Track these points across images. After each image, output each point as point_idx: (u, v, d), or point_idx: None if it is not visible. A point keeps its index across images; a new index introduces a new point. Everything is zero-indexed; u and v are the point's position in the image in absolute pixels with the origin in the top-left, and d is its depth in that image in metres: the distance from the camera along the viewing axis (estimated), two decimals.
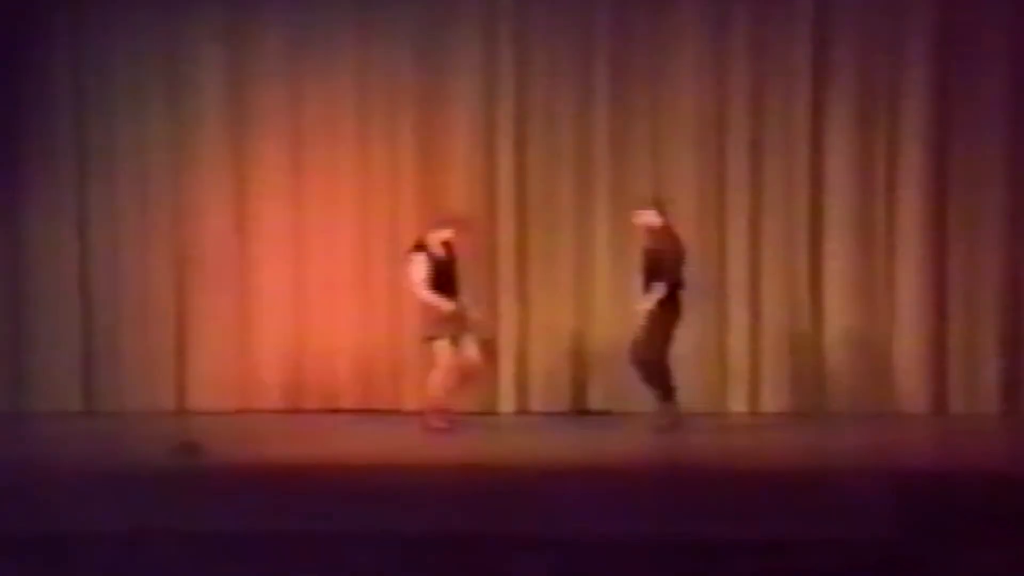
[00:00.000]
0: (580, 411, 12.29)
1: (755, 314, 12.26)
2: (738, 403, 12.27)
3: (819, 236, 12.20)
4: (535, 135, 12.38)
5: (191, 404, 12.41)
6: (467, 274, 11.55)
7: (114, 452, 10.67)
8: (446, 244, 11.22)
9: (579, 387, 12.37)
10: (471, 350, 11.20)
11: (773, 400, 12.23)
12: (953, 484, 8.68)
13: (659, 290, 10.82)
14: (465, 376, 11.23)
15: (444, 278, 11.12)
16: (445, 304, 11.04)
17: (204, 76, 12.61)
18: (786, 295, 12.19)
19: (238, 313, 12.59)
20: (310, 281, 12.53)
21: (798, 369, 12.22)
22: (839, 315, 12.19)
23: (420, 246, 11.18)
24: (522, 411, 12.34)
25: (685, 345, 11.91)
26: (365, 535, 7.56)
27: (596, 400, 12.35)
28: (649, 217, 11.11)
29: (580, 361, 12.38)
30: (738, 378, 12.27)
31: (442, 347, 11.10)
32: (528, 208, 12.41)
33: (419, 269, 11.09)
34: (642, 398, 11.67)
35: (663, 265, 10.90)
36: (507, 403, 12.45)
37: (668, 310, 10.90)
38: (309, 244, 12.57)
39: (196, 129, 12.63)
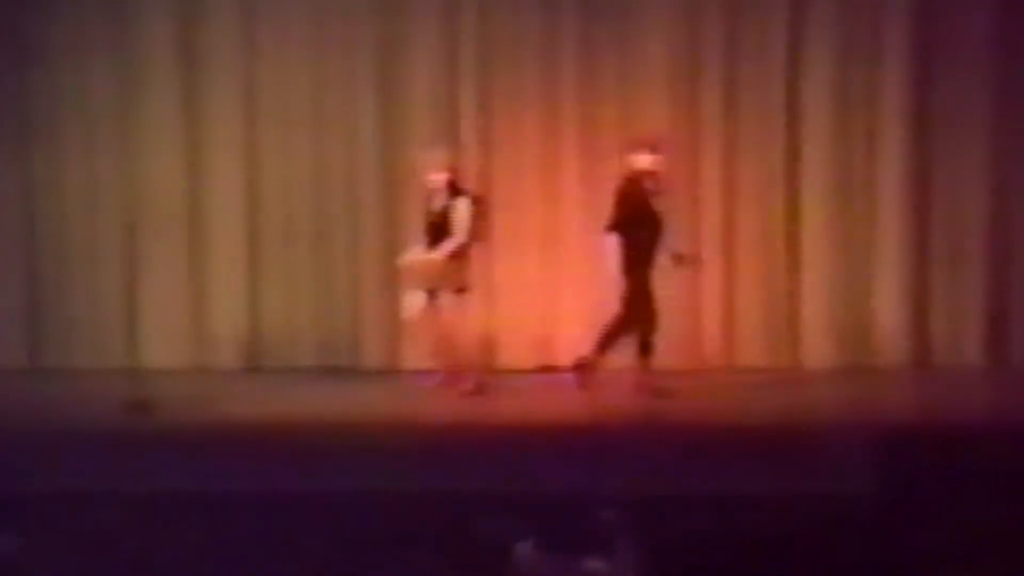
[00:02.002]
0: (546, 368, 12.09)
1: (730, 264, 12.23)
2: (713, 358, 12.25)
3: (796, 182, 12.16)
4: (499, 76, 12.27)
5: (143, 361, 12.24)
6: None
7: (62, 410, 10.63)
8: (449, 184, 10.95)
9: (546, 343, 12.25)
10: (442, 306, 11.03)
11: (749, 355, 12.23)
12: (935, 438, 8.74)
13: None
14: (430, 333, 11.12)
15: (431, 226, 10.98)
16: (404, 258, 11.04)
17: (152, 21, 12.46)
18: (762, 244, 12.19)
19: (191, 266, 12.56)
20: (265, 234, 12.48)
21: (775, 321, 12.25)
22: (817, 264, 12.20)
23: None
24: (485, 368, 11.93)
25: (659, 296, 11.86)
26: (324, 495, 7.69)
27: (564, 357, 11.93)
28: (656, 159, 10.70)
29: (546, 313, 12.29)
30: (713, 331, 12.27)
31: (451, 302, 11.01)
32: (492, 152, 12.29)
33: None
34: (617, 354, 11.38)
35: (617, 208, 10.70)
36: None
37: None
38: (264, 195, 12.47)
39: (144, 74, 12.49)
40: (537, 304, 12.25)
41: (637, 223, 10.56)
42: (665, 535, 6.85)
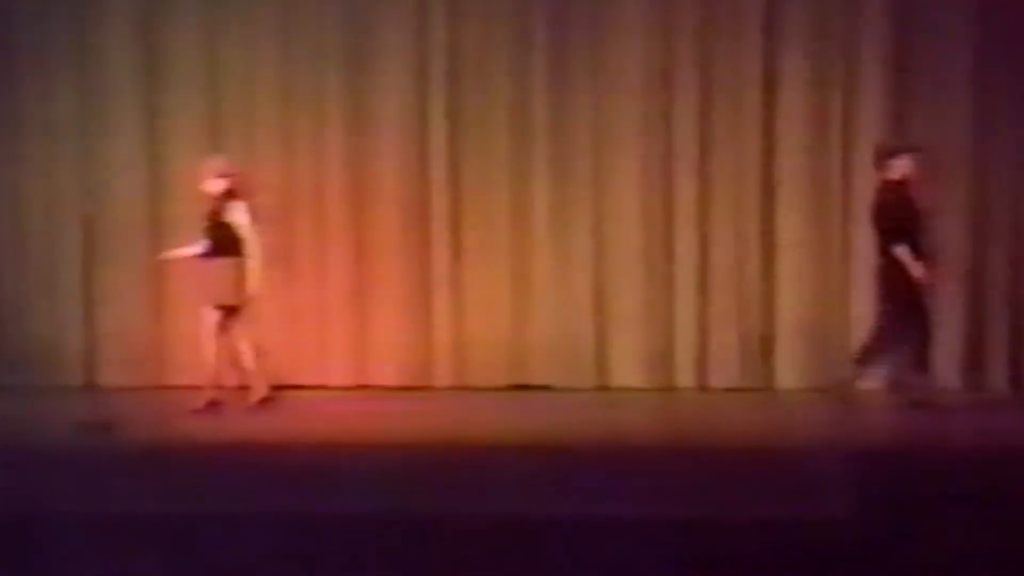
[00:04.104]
0: (518, 386, 12.34)
1: (703, 284, 12.33)
2: (685, 378, 12.36)
3: (771, 200, 12.20)
4: (469, 93, 12.45)
5: (100, 380, 12.41)
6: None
7: (18, 429, 10.60)
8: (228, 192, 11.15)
9: (517, 361, 12.41)
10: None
11: (721, 375, 12.30)
12: (909, 462, 8.92)
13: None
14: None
15: (207, 236, 11.20)
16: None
17: (115, 34, 12.63)
18: (736, 263, 12.27)
19: (150, 283, 12.55)
20: None
21: (747, 342, 12.31)
22: (790, 286, 12.27)
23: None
24: (458, 386, 12.37)
25: (630, 316, 12.31)
26: (286, 515, 7.66)
27: (536, 375, 12.42)
28: (904, 165, 10.81)
29: (516, 333, 12.44)
30: (685, 351, 12.35)
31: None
32: (461, 170, 12.46)
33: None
34: (585, 373, 12.25)
35: (888, 218, 10.73)
36: (443, 377, 12.47)
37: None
38: None
39: (106, 87, 12.63)
40: (506, 320, 12.41)
41: (903, 232, 10.68)
42: (634, 559, 6.91)
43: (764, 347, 12.22)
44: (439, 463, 9.13)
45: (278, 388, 11.77)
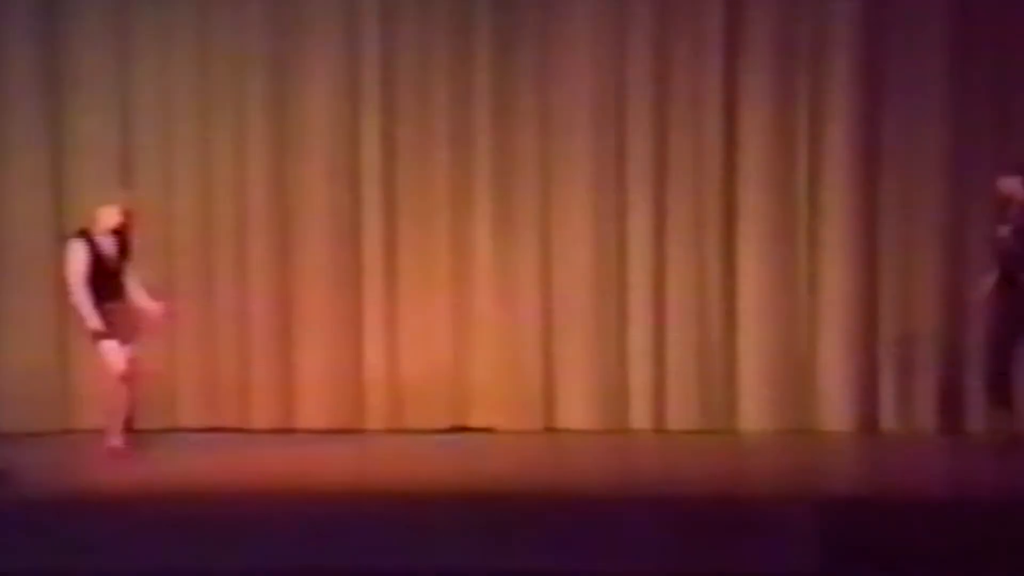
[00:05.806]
0: (459, 428, 12.23)
1: (659, 318, 12.26)
2: (640, 419, 12.27)
3: (732, 228, 12.14)
4: (405, 108, 12.30)
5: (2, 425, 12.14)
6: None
7: None
8: (116, 232, 10.99)
9: (458, 400, 12.34)
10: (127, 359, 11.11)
11: (679, 416, 12.24)
12: (884, 511, 8.82)
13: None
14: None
15: (105, 273, 11.00)
16: (86, 306, 10.88)
17: (15, 41, 12.36)
18: (694, 295, 12.21)
19: (57, 318, 12.25)
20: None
21: (707, 380, 12.27)
22: (754, 319, 12.19)
23: (83, 232, 10.97)
24: (393, 428, 12.23)
25: (579, 352, 12.19)
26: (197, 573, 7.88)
27: (478, 416, 12.35)
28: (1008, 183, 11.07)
29: (457, 371, 12.37)
30: (640, 390, 12.26)
31: (110, 349, 10.94)
32: (397, 193, 12.35)
33: (75, 259, 10.86)
34: (531, 414, 12.18)
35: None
36: (376, 418, 12.36)
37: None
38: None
39: (6, 100, 12.37)
40: (446, 356, 12.34)
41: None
42: None
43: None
44: (371, 513, 8.96)
45: (196, 431, 12.02)
